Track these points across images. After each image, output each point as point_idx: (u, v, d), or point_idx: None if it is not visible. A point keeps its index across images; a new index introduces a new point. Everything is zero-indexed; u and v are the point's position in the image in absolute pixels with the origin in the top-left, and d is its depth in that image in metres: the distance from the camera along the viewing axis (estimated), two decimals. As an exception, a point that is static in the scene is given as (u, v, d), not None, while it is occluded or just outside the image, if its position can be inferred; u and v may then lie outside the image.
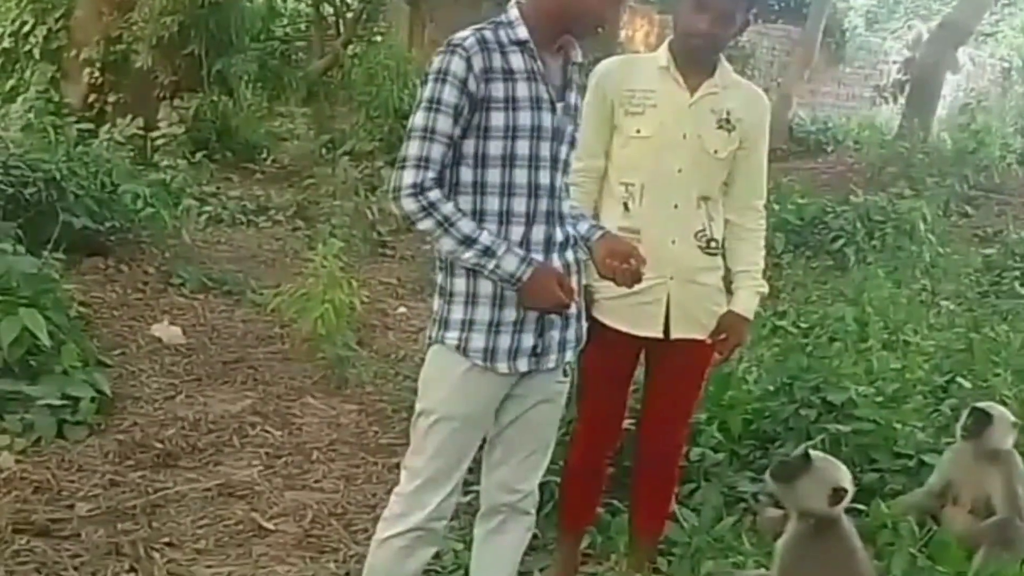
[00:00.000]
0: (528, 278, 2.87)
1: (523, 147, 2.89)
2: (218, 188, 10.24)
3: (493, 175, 2.90)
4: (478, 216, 2.90)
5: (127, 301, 6.80)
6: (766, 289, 3.81)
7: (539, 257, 2.93)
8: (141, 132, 10.49)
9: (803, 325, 6.83)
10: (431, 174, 2.84)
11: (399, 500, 3.06)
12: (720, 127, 3.53)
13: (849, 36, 21.63)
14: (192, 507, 4.31)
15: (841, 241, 9.87)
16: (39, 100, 10.65)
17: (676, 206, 3.53)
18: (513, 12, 2.94)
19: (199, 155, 10.58)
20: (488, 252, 2.85)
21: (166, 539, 4.05)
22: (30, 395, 4.88)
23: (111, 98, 11.16)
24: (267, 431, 5.14)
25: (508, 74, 2.87)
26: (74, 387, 5.01)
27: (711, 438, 4.61)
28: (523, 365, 2.99)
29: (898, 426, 4.72)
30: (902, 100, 16.77)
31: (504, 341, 2.95)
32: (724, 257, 3.73)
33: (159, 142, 10.54)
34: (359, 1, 14.92)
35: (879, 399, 5.01)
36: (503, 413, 3.09)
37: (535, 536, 3.97)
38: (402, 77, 12.52)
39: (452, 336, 2.96)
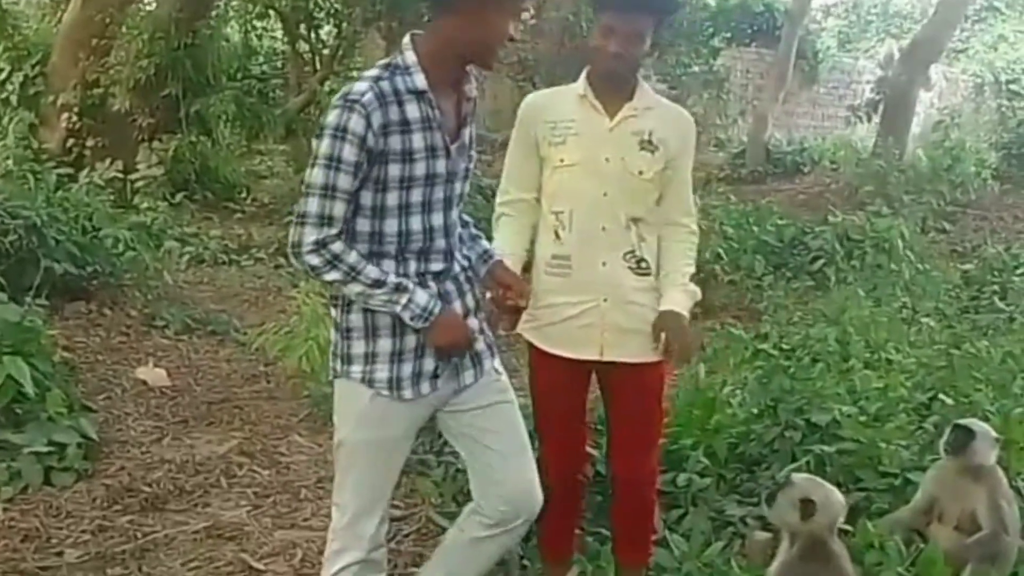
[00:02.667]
0: (439, 312, 2.99)
1: (417, 195, 2.96)
2: (199, 228, 10.26)
3: (390, 225, 2.96)
4: (375, 262, 2.96)
5: (111, 345, 6.79)
6: (698, 292, 3.77)
7: (434, 286, 3.04)
8: (120, 175, 10.49)
9: (785, 347, 6.87)
10: (333, 231, 2.89)
11: (336, 537, 3.15)
12: (643, 148, 3.56)
13: (822, 57, 21.81)
14: (182, 550, 4.30)
15: (821, 261, 9.94)
16: (18, 147, 10.67)
17: (604, 228, 3.56)
18: (410, 56, 2.94)
19: (179, 196, 10.61)
20: (400, 288, 2.94)
21: (156, 583, 4.05)
22: (16, 443, 4.87)
23: (90, 142, 11.16)
24: (254, 471, 5.14)
25: (405, 126, 2.89)
26: (60, 433, 4.99)
27: (697, 463, 4.62)
28: (425, 388, 3.07)
29: (882, 445, 4.74)
30: (876, 119, 16.88)
31: (407, 369, 3.05)
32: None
33: (139, 184, 10.56)
34: (335, 38, 15.01)
35: (863, 418, 5.04)
36: (453, 435, 3.23)
37: (523, 567, 4.03)
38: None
39: (356, 370, 3.05)
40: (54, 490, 4.74)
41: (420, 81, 2.91)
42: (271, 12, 15.88)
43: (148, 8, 12.69)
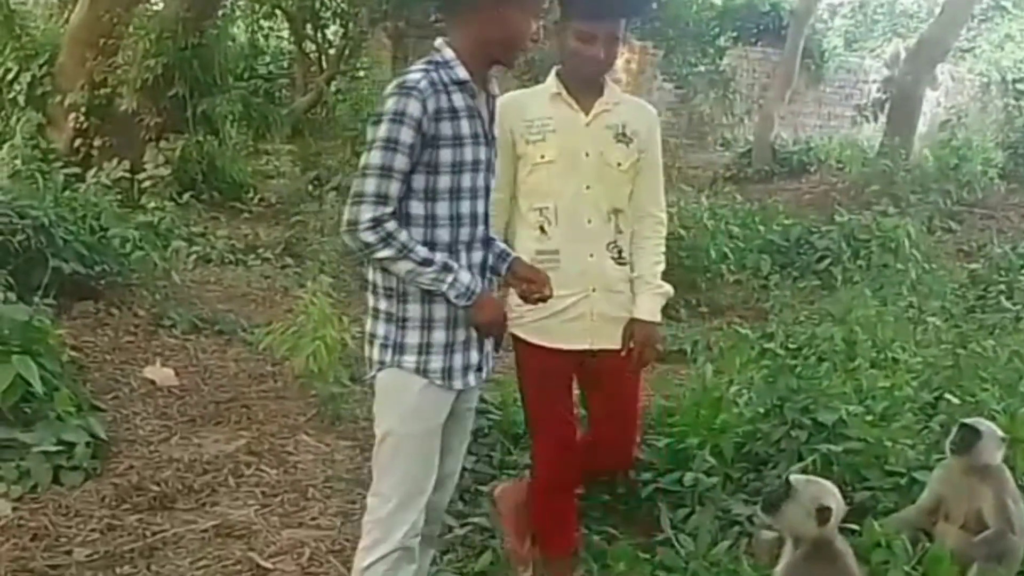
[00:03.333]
0: (482, 293, 3.16)
1: (467, 180, 3.14)
2: (206, 228, 10.27)
3: (442, 207, 3.12)
4: (428, 246, 3.09)
5: (119, 344, 6.81)
6: (669, 291, 3.90)
7: (479, 280, 3.19)
8: (128, 175, 10.50)
9: (791, 346, 6.87)
10: (388, 209, 3.04)
11: (376, 526, 3.20)
12: (619, 140, 3.74)
13: (828, 56, 21.79)
14: (190, 548, 4.31)
15: (827, 261, 9.94)
16: (25, 147, 10.68)
17: (589, 221, 3.74)
18: (448, 52, 3.14)
19: (186, 196, 10.60)
20: (447, 268, 3.08)
21: (165, 582, 4.06)
22: (25, 442, 4.89)
23: (97, 142, 11.17)
24: (262, 470, 5.15)
25: (453, 113, 3.08)
26: (69, 433, 5.01)
27: (704, 462, 4.64)
28: (472, 380, 3.25)
29: (888, 444, 4.75)
30: (883, 118, 16.86)
31: (458, 360, 3.19)
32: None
33: (146, 184, 10.56)
34: (341, 37, 15.04)
35: (869, 418, 5.05)
36: (446, 431, 3.29)
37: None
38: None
39: (410, 360, 3.15)
40: (63, 489, 4.76)
41: (462, 72, 3.11)
42: (278, 12, 15.94)
43: (155, 8, 12.72)
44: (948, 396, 5.56)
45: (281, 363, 6.49)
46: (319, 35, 15.55)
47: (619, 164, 3.75)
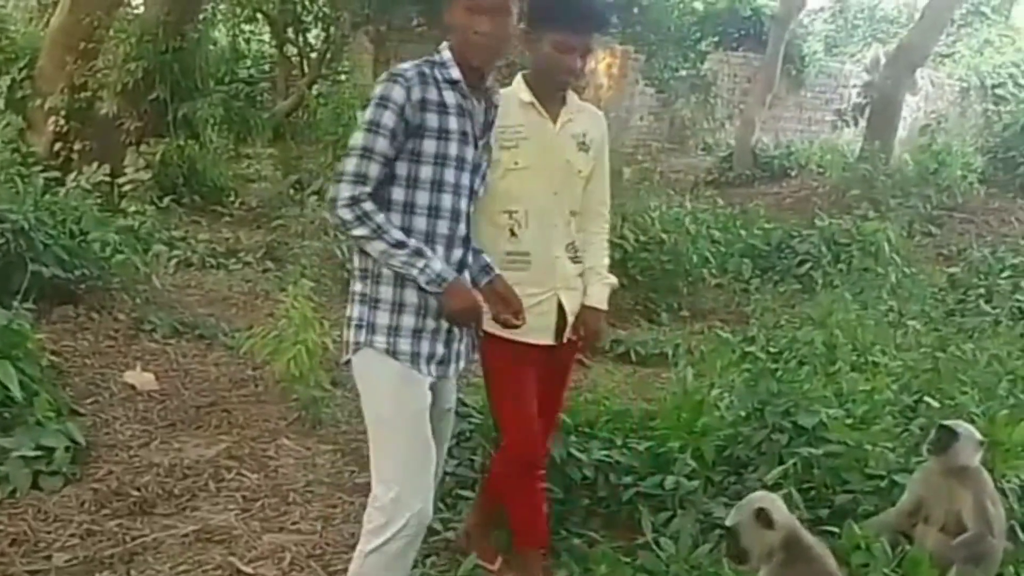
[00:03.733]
0: (453, 280, 3.20)
1: (450, 175, 3.23)
2: (187, 232, 10.22)
3: (422, 197, 3.22)
4: (405, 233, 3.18)
5: (99, 349, 6.78)
6: (615, 281, 4.08)
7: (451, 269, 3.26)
8: (108, 179, 10.45)
9: (772, 350, 6.89)
10: (367, 189, 3.15)
11: (380, 512, 3.23)
12: (580, 148, 3.90)
13: (809, 61, 21.88)
14: (170, 554, 4.29)
15: (808, 265, 9.99)
16: (5, 150, 10.62)
17: (556, 225, 3.90)
18: (446, 53, 3.27)
19: (167, 200, 10.57)
20: (419, 252, 3.16)
21: (145, 587, 4.05)
22: (4, 447, 4.86)
23: (77, 146, 11.13)
24: (243, 474, 5.14)
25: (442, 107, 3.21)
26: (48, 437, 4.98)
27: (685, 465, 4.65)
28: (434, 371, 3.30)
29: (869, 447, 4.77)
30: (863, 123, 16.96)
31: (425, 347, 3.26)
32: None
33: (126, 188, 10.52)
34: (323, 41, 15.02)
35: (849, 421, 5.07)
36: None
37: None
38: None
39: (380, 340, 3.24)
40: (42, 494, 4.73)
41: (455, 72, 3.24)
42: (259, 16, 15.90)
43: (136, 12, 12.67)
44: (928, 399, 5.59)
45: (262, 367, 6.47)
46: (300, 39, 15.52)
47: (580, 171, 3.92)
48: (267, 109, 14.51)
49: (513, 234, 3.86)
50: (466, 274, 3.36)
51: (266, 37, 17.08)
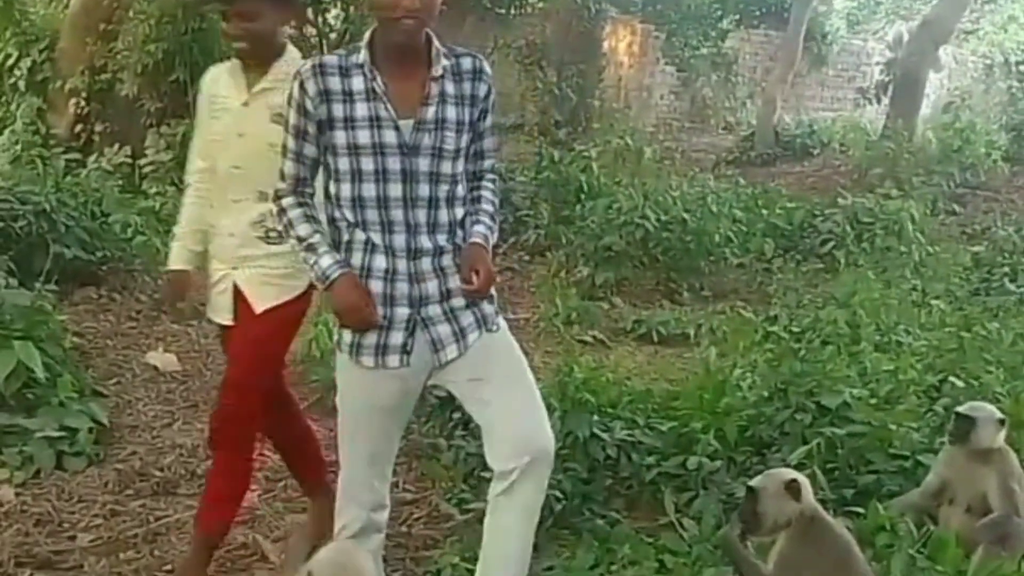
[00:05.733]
0: (337, 278, 3.13)
1: (368, 163, 3.13)
2: (208, 213, 10.22)
3: (345, 189, 3.16)
4: (344, 223, 3.18)
5: (121, 330, 6.80)
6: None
7: (403, 263, 3.15)
8: (129, 160, 10.49)
9: (795, 329, 6.85)
10: (283, 185, 3.24)
11: (339, 494, 3.37)
12: (274, 121, 3.58)
13: (831, 39, 21.72)
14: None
15: (830, 244, 9.92)
16: (26, 132, 10.66)
17: (236, 201, 3.77)
18: (366, 35, 3.19)
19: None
20: (311, 248, 3.18)
21: (168, 567, 4.06)
22: (28, 428, 4.89)
23: (98, 127, 11.14)
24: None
25: (347, 95, 3.12)
26: (71, 418, 5.02)
27: (707, 446, 4.63)
28: (393, 362, 3.20)
29: (893, 427, 4.73)
30: (886, 101, 16.82)
31: (370, 338, 3.19)
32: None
33: (147, 169, 10.54)
34: (342, 21, 14.99)
35: (873, 401, 5.04)
36: (460, 398, 3.36)
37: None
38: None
39: (335, 333, 3.30)
40: (66, 475, 4.76)
41: (361, 56, 3.13)
42: (278, -4, 15.85)
43: (155, -7, 12.66)
44: (952, 379, 5.54)
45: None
46: (320, 19, 15.49)
47: (273, 145, 3.49)
48: (287, 90, 14.49)
49: (211, 206, 3.89)
50: (424, 263, 3.17)
51: (285, 17, 17.05)
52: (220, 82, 3.86)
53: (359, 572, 2.81)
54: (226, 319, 3.88)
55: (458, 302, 3.22)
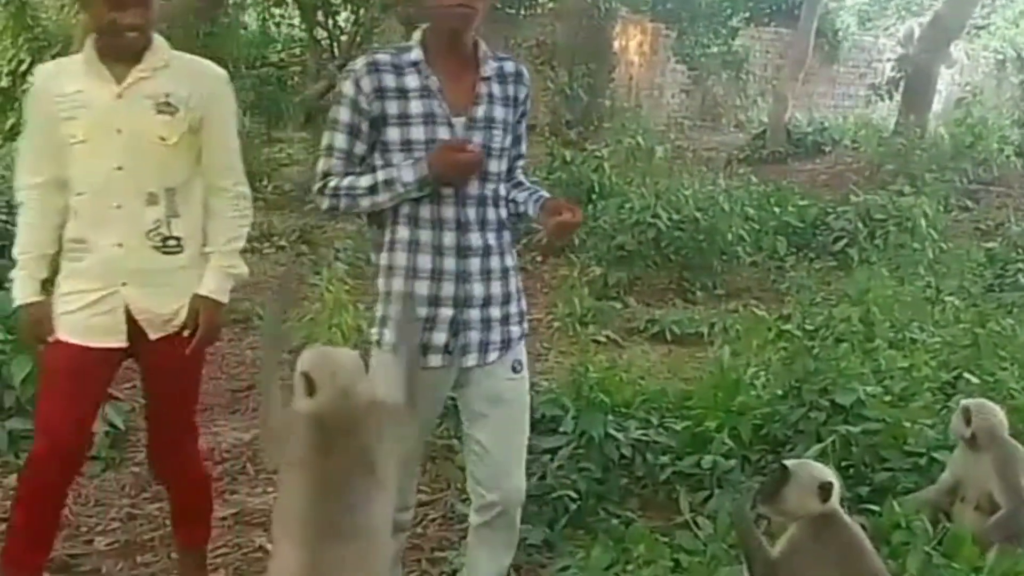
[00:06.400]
0: (431, 163, 3.08)
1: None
2: (220, 217, 10.24)
3: None
4: (388, 220, 3.19)
5: (135, 334, 6.81)
6: (243, 270, 3.58)
7: (451, 261, 3.17)
8: (142, 165, 10.50)
9: (809, 327, 6.83)
10: (331, 183, 3.18)
11: None
12: (161, 111, 3.29)
13: (842, 35, 21.69)
14: (209, 536, 4.33)
15: (843, 241, 9.92)
16: (39, 138, 10.68)
17: (120, 206, 3.30)
18: (416, 35, 3.23)
19: (200, 185, 10.60)
20: (389, 179, 3.12)
21: (186, 570, 4.07)
22: (44, 432, 4.90)
23: (111, 133, 11.16)
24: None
25: (402, 93, 3.14)
26: (87, 423, 5.02)
27: (722, 445, 4.64)
28: (435, 361, 3.21)
29: (907, 424, 4.73)
30: (897, 97, 16.77)
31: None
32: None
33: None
34: (353, 24, 15.03)
35: (887, 398, 5.04)
36: (464, 414, 3.36)
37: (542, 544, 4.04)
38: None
39: (375, 331, 3.30)
40: (83, 479, 4.77)
41: (415, 54, 3.16)
42: (288, 0, 15.92)
43: (167, -2, 12.71)
44: (967, 376, 5.54)
45: (297, 351, 6.48)
46: (330, 22, 15.54)
47: (163, 138, 3.30)
48: (298, 93, 14.56)
49: (75, 218, 3.34)
50: (473, 263, 3.20)
51: (296, 21, 17.09)
52: (69, 78, 3.31)
53: (342, 355, 2.92)
54: (117, 341, 3.37)
55: (495, 312, 3.27)
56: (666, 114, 19.35)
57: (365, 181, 3.14)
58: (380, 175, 3.13)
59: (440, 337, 3.20)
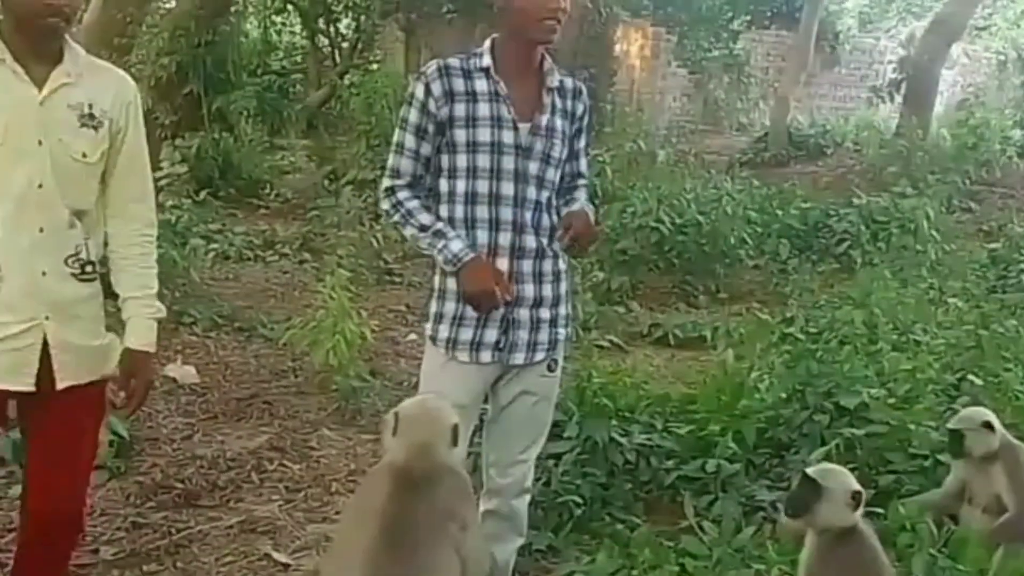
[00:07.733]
0: (468, 260, 3.25)
1: (484, 160, 3.29)
2: (223, 225, 10.26)
3: (460, 185, 3.32)
4: (449, 221, 3.32)
5: (139, 343, 6.81)
6: (163, 312, 3.25)
7: (505, 262, 3.31)
8: (145, 173, 10.51)
9: (812, 330, 6.83)
10: (400, 181, 3.36)
11: None
12: (84, 124, 2.92)
13: (843, 38, 21.69)
14: (215, 545, 4.33)
15: (846, 243, 9.92)
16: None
17: (42, 229, 2.89)
18: (486, 42, 3.37)
19: (203, 193, 10.63)
20: (438, 234, 3.28)
21: (191, 578, 4.08)
22: (49, 442, 4.90)
23: (113, 141, 11.19)
24: (285, 465, 5.17)
25: (471, 96, 3.28)
26: (92, 432, 5.03)
27: (726, 448, 4.64)
28: (486, 357, 3.36)
29: (912, 427, 4.73)
30: (899, 99, 16.78)
31: (466, 334, 3.34)
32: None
33: (163, 183, 10.56)
34: (354, 31, 15.06)
35: (891, 401, 5.03)
36: (493, 404, 3.51)
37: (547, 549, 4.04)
38: (400, 104, 12.59)
39: (429, 328, 3.43)
40: (88, 488, 4.77)
41: (485, 60, 3.31)
42: (290, 7, 15.95)
43: (168, 6, 12.76)
44: (971, 377, 5.53)
45: (301, 358, 6.50)
46: (331, 29, 15.58)
47: (85, 155, 2.94)
48: (300, 100, 14.57)
49: None
50: (525, 264, 3.34)
51: (297, 28, 17.13)
52: None
53: (440, 411, 3.00)
54: (25, 384, 2.93)
55: (544, 314, 3.41)
56: (668, 118, 19.36)
57: (424, 219, 3.30)
58: (437, 225, 3.29)
59: (492, 334, 3.34)
